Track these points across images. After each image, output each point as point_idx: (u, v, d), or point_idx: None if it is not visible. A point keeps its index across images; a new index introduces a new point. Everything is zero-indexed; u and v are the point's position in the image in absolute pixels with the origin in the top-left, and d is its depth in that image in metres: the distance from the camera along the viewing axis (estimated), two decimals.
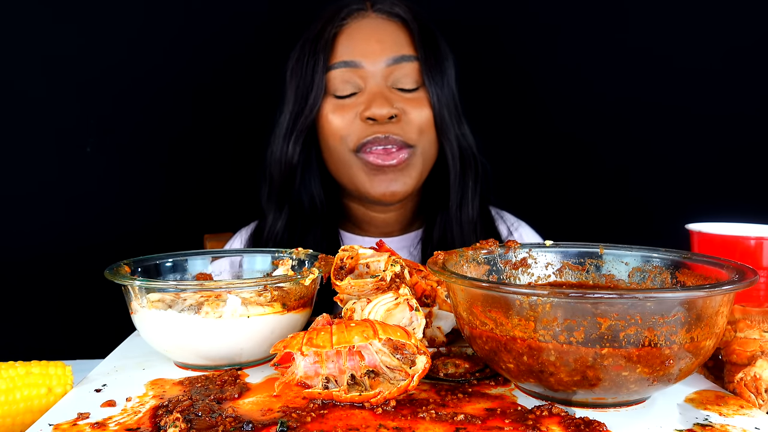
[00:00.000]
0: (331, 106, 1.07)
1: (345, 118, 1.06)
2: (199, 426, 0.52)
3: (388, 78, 1.07)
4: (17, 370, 0.61)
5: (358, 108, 1.06)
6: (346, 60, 1.06)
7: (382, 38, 1.07)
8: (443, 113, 1.08)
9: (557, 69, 1.50)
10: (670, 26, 1.45)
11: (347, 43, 1.07)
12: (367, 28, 1.08)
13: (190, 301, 0.68)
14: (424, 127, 1.07)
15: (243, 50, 1.48)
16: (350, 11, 1.09)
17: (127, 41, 1.43)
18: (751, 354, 0.63)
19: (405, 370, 0.57)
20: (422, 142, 1.08)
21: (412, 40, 1.09)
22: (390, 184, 1.06)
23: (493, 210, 1.21)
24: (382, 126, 1.04)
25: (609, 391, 0.54)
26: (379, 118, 1.03)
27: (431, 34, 1.11)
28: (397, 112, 1.05)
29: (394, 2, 1.11)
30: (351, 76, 1.06)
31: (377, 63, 1.06)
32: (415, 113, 1.07)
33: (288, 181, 1.12)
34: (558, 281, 0.74)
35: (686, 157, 1.47)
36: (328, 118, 1.07)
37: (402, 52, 1.07)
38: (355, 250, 0.66)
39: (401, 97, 1.07)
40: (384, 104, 1.04)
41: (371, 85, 1.06)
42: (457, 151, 1.11)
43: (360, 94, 1.07)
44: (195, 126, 1.49)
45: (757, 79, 1.43)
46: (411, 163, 1.07)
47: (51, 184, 1.44)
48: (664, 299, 0.51)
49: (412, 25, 1.09)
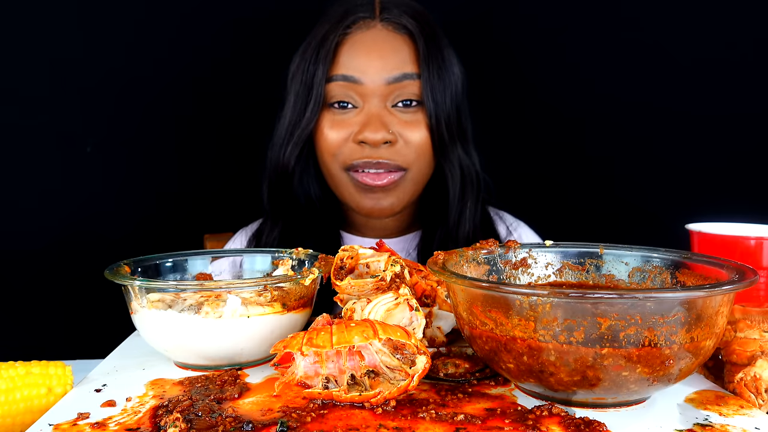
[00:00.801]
0: (328, 121, 1.05)
1: (339, 136, 1.04)
2: (199, 426, 0.52)
3: (388, 97, 1.04)
4: (17, 370, 0.61)
5: (353, 128, 1.04)
6: (346, 74, 1.03)
7: (384, 54, 1.04)
8: (442, 134, 1.06)
9: (558, 69, 1.50)
10: (670, 28, 1.45)
11: (349, 56, 1.04)
12: (370, 42, 1.04)
13: (190, 301, 0.68)
14: (420, 151, 1.05)
15: (243, 51, 1.48)
16: (356, 19, 1.06)
17: (128, 43, 1.43)
18: (751, 354, 0.63)
19: (405, 370, 0.57)
20: (416, 165, 1.06)
21: (417, 56, 1.05)
22: (378, 202, 1.06)
23: (492, 210, 1.20)
24: (375, 151, 1.02)
25: (609, 391, 0.54)
26: (372, 144, 1.02)
27: (437, 48, 1.07)
28: (391, 138, 1.02)
29: (403, 10, 1.07)
30: (349, 91, 1.04)
31: (377, 80, 1.03)
32: (412, 136, 1.04)
33: (286, 184, 1.12)
34: (558, 281, 0.74)
35: (686, 158, 1.47)
36: (323, 132, 1.06)
37: (404, 70, 1.04)
38: (355, 250, 0.66)
39: (399, 120, 1.04)
40: (379, 129, 1.01)
41: (369, 105, 1.03)
42: (458, 171, 1.10)
43: (358, 112, 1.04)
44: (195, 126, 1.49)
45: (758, 80, 1.43)
46: (401, 185, 1.06)
47: (51, 184, 1.44)
48: (664, 299, 0.51)
49: (418, 40, 1.05)
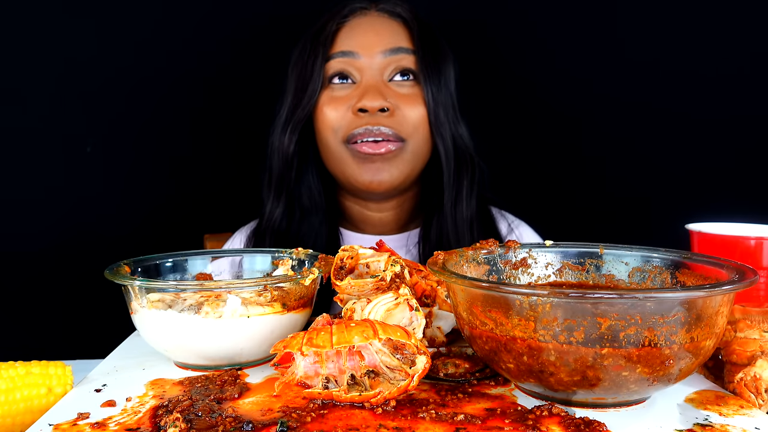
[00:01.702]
0: (327, 98, 1.09)
1: (338, 110, 1.08)
2: (199, 426, 0.52)
3: (384, 71, 1.08)
4: (17, 370, 0.61)
5: (352, 101, 1.07)
6: (344, 50, 1.08)
7: (380, 31, 1.09)
8: (438, 111, 1.09)
9: (558, 70, 1.50)
10: (671, 29, 1.45)
11: (346, 36, 1.09)
12: (367, 25, 1.10)
13: (190, 301, 0.68)
14: (417, 124, 1.08)
15: (244, 52, 1.48)
16: (353, 9, 1.12)
17: (129, 45, 1.43)
18: (751, 354, 0.63)
19: (405, 370, 0.57)
20: (414, 137, 1.08)
21: (411, 37, 1.10)
22: (376, 173, 1.07)
23: (494, 210, 1.21)
24: (373, 118, 1.05)
25: (609, 391, 0.54)
26: (371, 110, 1.05)
27: (431, 33, 1.12)
28: (389, 106, 1.05)
29: (397, 3, 1.13)
30: (347, 66, 1.08)
31: (374, 54, 1.08)
32: (409, 109, 1.08)
33: (285, 171, 1.13)
34: (558, 281, 0.74)
35: (686, 158, 1.47)
36: (323, 110, 1.09)
37: (399, 44, 1.09)
38: (355, 250, 0.66)
39: (396, 93, 1.08)
40: (376, 97, 1.05)
41: (366, 78, 1.08)
42: (452, 150, 1.12)
43: (356, 87, 1.08)
44: (195, 127, 1.49)
45: (757, 82, 1.43)
46: (399, 156, 1.08)
47: (51, 184, 1.44)
48: (664, 299, 0.51)
49: (412, 24, 1.11)
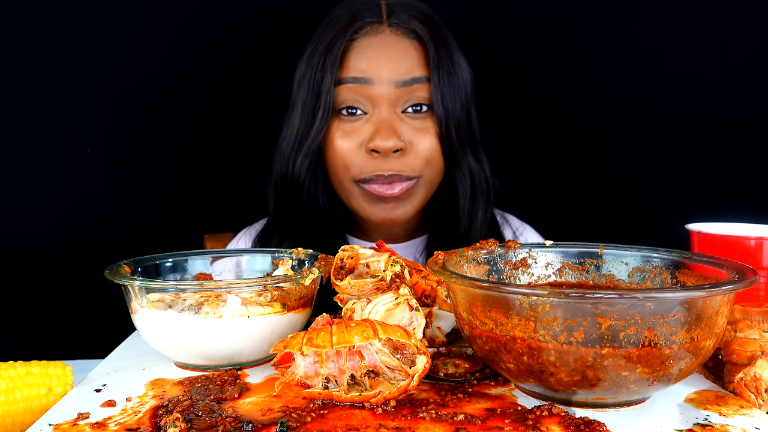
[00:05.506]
0: (338, 131, 1.03)
1: (350, 145, 1.02)
2: (199, 426, 0.52)
3: (398, 102, 1.02)
4: (17, 370, 0.61)
5: (364, 136, 1.02)
6: (356, 76, 1.01)
7: (394, 58, 1.02)
8: (452, 141, 1.04)
9: (559, 70, 1.50)
10: (671, 30, 1.45)
11: (357, 59, 1.02)
12: (379, 46, 1.02)
13: (190, 301, 0.68)
14: (430, 158, 1.04)
15: (244, 51, 1.48)
16: (363, 24, 1.03)
17: (130, 43, 1.43)
18: (751, 354, 0.63)
19: (405, 370, 0.57)
20: (427, 171, 1.05)
21: (426, 60, 1.03)
22: (390, 212, 1.05)
23: (498, 213, 1.19)
24: (386, 161, 1.01)
25: (609, 391, 0.54)
26: (384, 152, 1.00)
27: (447, 52, 1.04)
28: (402, 146, 1.00)
29: (411, 15, 1.05)
30: (359, 96, 1.02)
31: (386, 82, 1.01)
32: (422, 143, 1.03)
33: (294, 193, 1.09)
34: (558, 281, 0.74)
35: (686, 158, 1.47)
36: (333, 142, 1.03)
37: (414, 74, 1.02)
38: (355, 250, 0.66)
39: (409, 126, 1.03)
40: (390, 136, 1.00)
41: (379, 111, 1.02)
42: (468, 179, 1.09)
43: (368, 119, 1.02)
44: (195, 127, 1.49)
45: (758, 82, 1.43)
46: (414, 192, 1.05)
47: (51, 184, 1.44)
48: (664, 299, 0.51)
49: (428, 44, 1.03)
